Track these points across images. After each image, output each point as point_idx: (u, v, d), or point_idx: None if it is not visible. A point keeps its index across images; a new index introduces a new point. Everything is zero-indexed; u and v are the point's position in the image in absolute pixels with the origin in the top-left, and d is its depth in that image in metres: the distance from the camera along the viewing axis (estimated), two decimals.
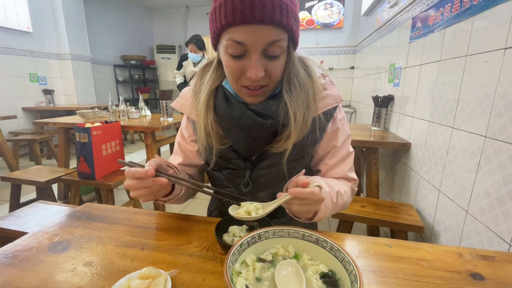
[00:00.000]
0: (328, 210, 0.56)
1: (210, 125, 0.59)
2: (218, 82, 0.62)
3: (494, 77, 0.84)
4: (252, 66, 0.50)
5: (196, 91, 0.64)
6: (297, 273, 0.40)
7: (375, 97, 1.89)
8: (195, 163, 0.73)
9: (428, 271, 0.46)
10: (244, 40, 0.48)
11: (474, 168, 0.92)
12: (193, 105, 0.64)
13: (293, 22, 0.50)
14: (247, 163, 0.64)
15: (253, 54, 0.49)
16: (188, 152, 0.72)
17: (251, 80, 0.51)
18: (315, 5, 3.48)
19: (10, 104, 3.41)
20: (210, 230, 0.59)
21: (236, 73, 0.53)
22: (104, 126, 1.65)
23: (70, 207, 1.22)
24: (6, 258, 0.49)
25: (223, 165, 0.66)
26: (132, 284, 0.39)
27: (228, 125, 0.59)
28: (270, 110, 0.56)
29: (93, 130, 1.55)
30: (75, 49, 4.01)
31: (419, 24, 1.48)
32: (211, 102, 0.60)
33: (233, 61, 0.51)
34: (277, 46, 0.50)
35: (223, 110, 0.58)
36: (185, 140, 0.72)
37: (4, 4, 3.21)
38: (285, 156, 0.58)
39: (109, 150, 1.70)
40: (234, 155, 0.64)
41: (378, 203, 1.33)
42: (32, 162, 3.37)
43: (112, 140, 1.73)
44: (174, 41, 5.91)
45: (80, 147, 1.57)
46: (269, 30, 0.47)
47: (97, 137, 1.58)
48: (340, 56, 3.58)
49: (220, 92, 0.60)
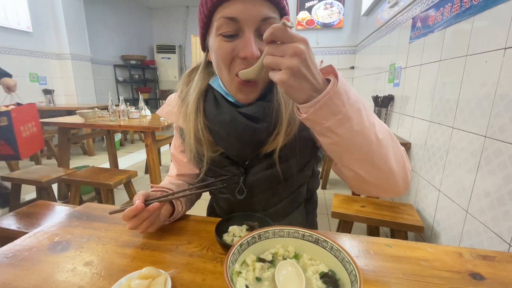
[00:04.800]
0: (347, 85, 0.39)
1: (201, 131, 0.57)
2: (207, 82, 0.60)
3: (494, 77, 0.84)
4: (246, 44, 0.47)
5: (183, 97, 0.61)
6: (297, 273, 0.40)
7: (375, 97, 1.89)
8: (191, 173, 0.72)
9: (428, 271, 0.46)
10: (237, 15, 0.46)
11: (474, 168, 0.92)
12: (180, 112, 0.61)
13: (285, 4, 0.50)
14: (240, 169, 0.61)
15: (247, 31, 0.47)
16: (181, 163, 0.71)
17: (244, 62, 0.48)
18: (315, 5, 3.48)
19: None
20: (210, 230, 0.58)
21: (228, 55, 0.49)
22: (19, 108, 1.74)
23: (70, 207, 1.22)
24: (6, 258, 0.49)
25: (216, 173, 0.64)
26: (132, 284, 0.39)
27: (218, 131, 0.56)
28: (262, 113, 0.54)
29: (12, 112, 1.64)
30: (75, 49, 4.01)
31: (419, 24, 1.48)
32: (201, 105, 0.57)
33: (225, 42, 0.48)
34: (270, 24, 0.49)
35: (213, 115, 0.56)
36: (176, 151, 0.71)
37: (4, 4, 3.21)
38: (276, 153, 0.55)
39: (28, 132, 1.82)
40: (226, 162, 0.61)
41: (378, 203, 1.33)
42: (32, 162, 3.37)
43: (29, 122, 1.85)
44: (174, 41, 5.91)
45: (0, 130, 1.64)
46: (262, 5, 0.46)
47: (15, 119, 1.67)
48: (340, 56, 3.58)
49: (210, 95, 0.58)
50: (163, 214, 0.58)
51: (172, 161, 0.74)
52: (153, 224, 0.54)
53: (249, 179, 0.61)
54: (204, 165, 0.61)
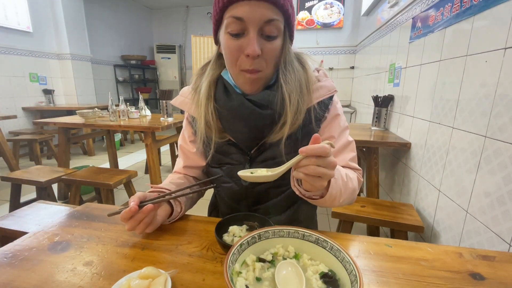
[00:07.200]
0: (339, 188, 0.53)
1: (211, 115, 0.61)
2: (218, 72, 0.65)
3: (494, 77, 0.84)
4: (249, 42, 0.53)
5: (196, 88, 0.66)
6: (297, 273, 0.40)
7: (375, 97, 1.89)
8: (197, 165, 0.74)
9: (428, 271, 0.46)
10: (243, 15, 0.51)
11: (474, 168, 0.92)
12: (193, 101, 0.66)
13: (289, 7, 0.54)
14: (246, 157, 0.65)
15: (251, 31, 0.52)
16: (189, 154, 0.73)
17: (249, 59, 0.54)
18: (315, 5, 3.48)
19: (10, 104, 3.41)
20: (210, 230, 0.58)
21: (235, 53, 0.55)
22: None
23: (70, 207, 1.21)
24: (6, 258, 0.49)
25: (222, 161, 0.68)
26: (132, 284, 0.39)
27: (227, 115, 0.62)
28: (268, 100, 0.59)
29: None
30: (75, 49, 4.01)
31: (419, 24, 1.48)
32: (212, 92, 0.63)
33: (232, 40, 0.54)
34: (274, 26, 0.53)
35: (222, 101, 0.61)
36: (185, 142, 0.74)
37: (4, 4, 3.22)
38: (282, 143, 0.59)
39: None
40: (233, 150, 0.66)
41: (378, 203, 1.33)
42: (32, 162, 3.37)
43: None
44: (174, 41, 5.91)
45: None
46: (267, 8, 0.51)
47: None
48: (340, 56, 3.57)
49: (220, 84, 0.63)
50: (161, 215, 0.58)
51: (179, 154, 0.76)
52: (150, 225, 0.55)
53: (254, 167, 0.64)
54: (212, 148, 0.64)
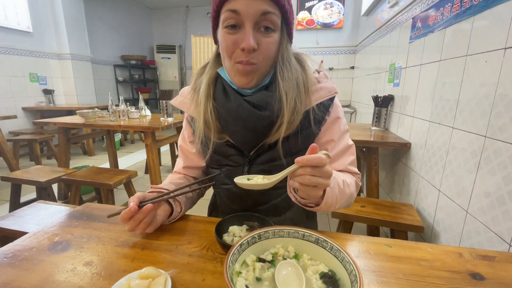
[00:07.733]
0: (335, 195, 0.53)
1: (210, 114, 0.61)
2: (216, 70, 0.65)
3: (494, 77, 0.84)
4: (245, 36, 0.53)
5: (196, 88, 0.66)
6: (297, 273, 0.40)
7: (375, 97, 1.89)
8: (197, 165, 0.74)
9: (428, 271, 0.46)
10: (238, 8, 0.51)
11: (474, 168, 0.92)
12: (193, 101, 0.66)
13: (286, 3, 0.54)
14: (245, 159, 0.65)
15: (247, 24, 0.52)
16: (189, 154, 0.73)
17: (244, 53, 0.54)
18: (315, 5, 3.48)
19: (10, 104, 3.41)
20: (210, 230, 0.58)
21: (231, 47, 0.55)
22: None
23: (70, 207, 1.21)
24: (6, 258, 0.49)
25: (221, 162, 0.67)
26: (132, 284, 0.39)
27: (225, 116, 0.61)
28: (266, 101, 0.58)
29: None
30: (75, 49, 4.01)
31: (419, 24, 1.48)
32: (211, 91, 0.63)
33: (228, 33, 0.54)
34: (269, 20, 0.53)
35: (221, 102, 0.61)
36: (185, 142, 0.73)
37: (4, 4, 3.22)
38: (279, 143, 0.59)
39: None
40: (232, 151, 0.65)
41: (378, 203, 1.33)
42: (32, 162, 3.37)
43: None
44: (174, 41, 5.91)
45: None
46: (263, 2, 0.52)
47: None
48: (340, 56, 3.57)
49: (219, 83, 0.63)
50: (161, 215, 0.58)
51: (179, 155, 0.76)
52: (150, 225, 0.55)
53: (253, 169, 0.64)
54: (210, 148, 0.64)
